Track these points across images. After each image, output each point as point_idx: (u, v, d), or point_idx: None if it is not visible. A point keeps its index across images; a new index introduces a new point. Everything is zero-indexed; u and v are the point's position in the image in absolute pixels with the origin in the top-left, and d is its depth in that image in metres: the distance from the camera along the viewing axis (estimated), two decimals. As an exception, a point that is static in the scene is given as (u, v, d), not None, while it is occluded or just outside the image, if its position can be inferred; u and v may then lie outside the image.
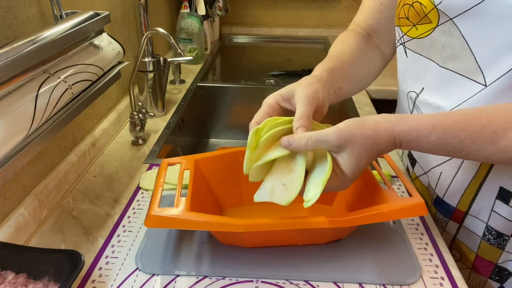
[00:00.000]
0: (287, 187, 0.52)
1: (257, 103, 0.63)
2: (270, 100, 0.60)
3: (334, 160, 0.52)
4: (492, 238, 0.64)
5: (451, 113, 0.52)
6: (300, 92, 0.57)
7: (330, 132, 0.51)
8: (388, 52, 0.78)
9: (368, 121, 0.52)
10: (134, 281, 0.55)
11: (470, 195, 0.64)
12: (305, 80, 0.61)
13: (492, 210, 0.63)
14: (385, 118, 0.52)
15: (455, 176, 0.65)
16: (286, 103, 0.59)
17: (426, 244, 0.62)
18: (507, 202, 0.61)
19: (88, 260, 0.58)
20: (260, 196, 0.54)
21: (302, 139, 0.51)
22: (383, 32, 0.76)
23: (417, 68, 0.67)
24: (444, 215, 0.70)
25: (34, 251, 0.53)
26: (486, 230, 0.65)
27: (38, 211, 0.66)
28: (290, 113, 0.58)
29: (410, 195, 0.58)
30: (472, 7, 0.55)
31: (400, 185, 0.77)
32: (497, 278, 0.67)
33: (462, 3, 0.55)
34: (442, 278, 0.57)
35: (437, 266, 0.59)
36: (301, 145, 0.51)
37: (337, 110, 1.27)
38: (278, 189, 0.53)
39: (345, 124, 0.51)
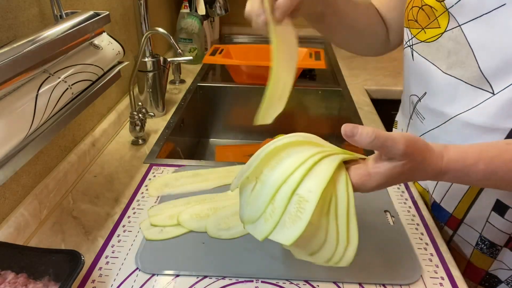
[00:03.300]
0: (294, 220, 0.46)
1: (257, 103, 0.63)
2: None
3: (379, 161, 0.47)
4: (484, 247, 0.65)
5: (495, 143, 0.51)
6: None
7: (400, 140, 0.44)
8: (391, 37, 0.78)
9: (429, 145, 0.48)
10: (134, 281, 0.55)
11: (466, 204, 0.65)
12: None
13: (487, 221, 0.63)
14: (437, 146, 0.49)
15: (452, 183, 0.65)
16: None
17: (426, 244, 0.62)
18: (502, 215, 0.61)
19: (88, 260, 0.58)
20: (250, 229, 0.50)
21: (368, 135, 0.44)
22: (389, 18, 0.77)
23: (422, 72, 0.67)
24: (440, 220, 0.70)
25: (34, 251, 0.53)
26: (479, 239, 0.65)
27: (38, 211, 0.66)
28: None
29: None
30: (483, 14, 0.54)
31: (400, 185, 0.76)
32: (486, 284, 0.68)
33: (475, 8, 0.55)
34: (442, 278, 0.57)
35: (437, 266, 0.59)
36: (364, 141, 0.44)
37: (337, 110, 1.27)
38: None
39: (412, 137, 0.46)
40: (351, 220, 0.48)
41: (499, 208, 0.61)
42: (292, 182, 0.46)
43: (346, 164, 0.49)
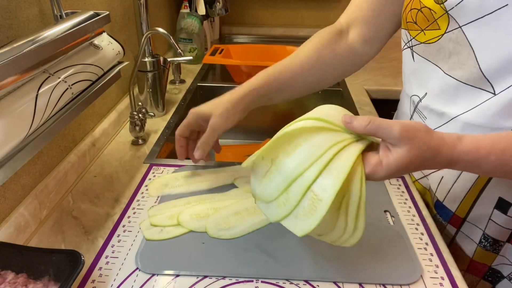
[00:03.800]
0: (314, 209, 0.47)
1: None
2: (191, 117, 0.70)
3: (387, 150, 0.48)
4: (488, 245, 0.65)
5: (507, 134, 0.51)
6: (213, 120, 0.68)
7: (395, 123, 0.47)
8: (366, 50, 0.76)
9: (435, 133, 0.49)
10: (134, 281, 0.55)
11: (469, 202, 0.65)
12: (221, 105, 0.68)
13: (489, 219, 0.63)
14: (449, 136, 0.50)
15: (455, 182, 0.65)
16: (203, 122, 0.70)
17: (426, 244, 0.62)
18: (505, 212, 0.61)
19: (88, 260, 0.58)
20: (263, 207, 0.53)
21: (363, 120, 0.48)
22: (366, 26, 0.74)
23: (423, 72, 0.67)
24: (443, 218, 0.70)
25: (34, 251, 0.53)
26: (482, 237, 0.65)
27: (38, 211, 0.66)
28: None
29: None
30: (485, 16, 0.54)
31: (400, 184, 0.76)
32: (490, 279, 0.68)
33: (476, 9, 0.55)
34: (442, 278, 0.57)
35: (437, 266, 0.59)
36: (361, 126, 0.48)
37: (337, 110, 1.27)
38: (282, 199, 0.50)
39: (413, 124, 0.48)
40: (360, 215, 0.49)
41: (502, 205, 0.61)
42: (308, 177, 0.47)
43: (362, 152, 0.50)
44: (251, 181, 0.55)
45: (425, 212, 0.69)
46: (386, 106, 1.21)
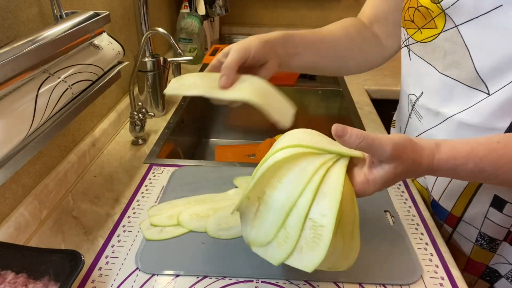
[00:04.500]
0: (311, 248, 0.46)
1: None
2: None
3: (372, 166, 0.48)
4: (484, 243, 0.65)
5: (486, 141, 0.51)
6: (234, 45, 0.66)
7: (387, 142, 0.46)
8: (390, 44, 0.77)
9: (418, 145, 0.49)
10: (134, 281, 0.55)
11: (464, 201, 0.65)
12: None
13: (485, 217, 0.63)
14: (428, 144, 0.50)
15: (450, 181, 0.65)
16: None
17: (426, 244, 0.62)
18: (500, 210, 0.61)
19: (88, 260, 0.58)
20: (258, 250, 0.51)
21: (357, 137, 0.46)
22: (386, 22, 0.75)
23: (419, 71, 0.67)
24: (440, 217, 0.70)
25: (34, 251, 0.53)
26: (479, 236, 0.65)
27: (38, 211, 0.66)
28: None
29: None
30: (480, 15, 0.54)
31: (400, 184, 0.76)
32: (487, 278, 0.68)
33: (472, 9, 0.55)
34: (442, 278, 0.57)
35: (437, 266, 0.59)
36: (353, 142, 0.46)
37: (337, 110, 1.27)
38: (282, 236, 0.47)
39: (400, 139, 0.47)
40: (354, 235, 0.49)
41: (497, 203, 0.61)
42: (302, 206, 0.46)
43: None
44: (242, 228, 0.52)
45: (425, 212, 0.69)
46: (386, 106, 1.21)
